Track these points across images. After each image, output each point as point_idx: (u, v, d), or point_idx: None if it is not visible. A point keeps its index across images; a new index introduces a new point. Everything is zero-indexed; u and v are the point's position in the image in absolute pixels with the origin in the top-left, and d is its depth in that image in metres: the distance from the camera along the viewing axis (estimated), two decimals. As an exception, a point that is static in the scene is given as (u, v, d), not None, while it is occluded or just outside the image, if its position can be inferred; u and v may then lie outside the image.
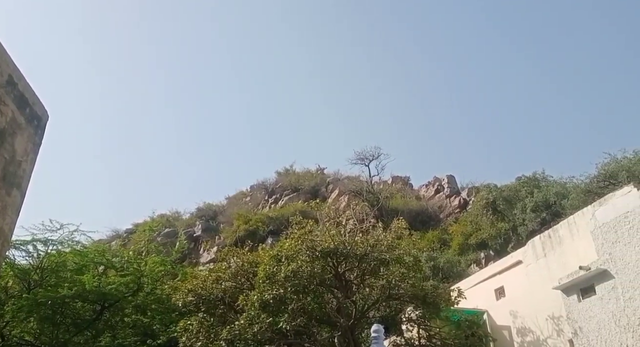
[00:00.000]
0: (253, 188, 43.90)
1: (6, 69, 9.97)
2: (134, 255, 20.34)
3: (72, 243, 17.33)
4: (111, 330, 15.74)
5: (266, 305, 12.34)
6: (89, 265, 16.79)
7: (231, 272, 14.79)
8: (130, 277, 16.63)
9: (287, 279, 12.75)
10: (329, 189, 38.47)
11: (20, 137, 10.81)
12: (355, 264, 13.90)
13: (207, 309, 13.72)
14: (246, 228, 32.94)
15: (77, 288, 14.89)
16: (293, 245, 13.64)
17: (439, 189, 36.17)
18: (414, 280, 14.01)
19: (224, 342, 11.34)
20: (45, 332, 14.94)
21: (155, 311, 16.45)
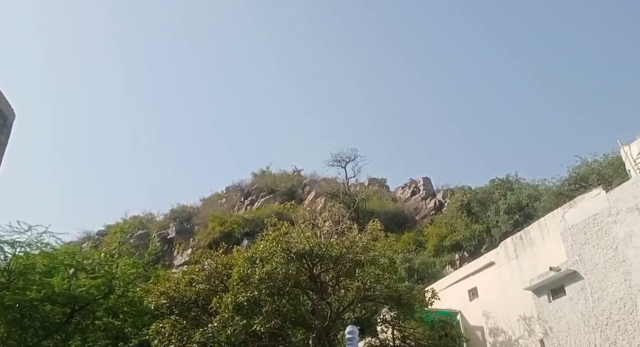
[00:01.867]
0: (229, 189, 43.58)
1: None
2: (105, 257, 19.91)
3: (41, 245, 16.86)
4: (82, 333, 15.42)
5: (240, 307, 12.26)
6: (59, 267, 16.39)
7: (205, 275, 14.65)
8: (101, 280, 16.31)
9: (261, 281, 12.69)
10: (306, 191, 38.51)
11: (-14, 135, 10.49)
12: (331, 265, 13.95)
13: (180, 311, 13.56)
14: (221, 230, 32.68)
15: (46, 291, 14.55)
16: (268, 247, 13.59)
17: (415, 191, 36.59)
18: (389, 281, 14.14)
19: (196, 345, 11.23)
20: (12, 336, 14.54)
21: (127, 314, 16.18)
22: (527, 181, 26.77)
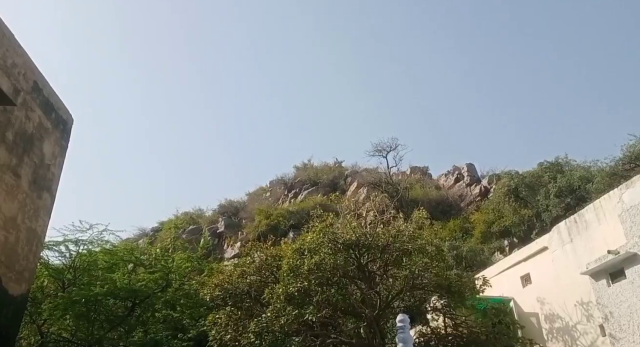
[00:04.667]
0: (272, 183, 44.14)
1: (31, 76, 10.24)
2: (161, 252, 20.73)
3: (102, 242, 17.77)
4: (143, 325, 16.09)
5: (291, 298, 12.46)
6: (119, 263, 17.18)
7: (255, 267, 14.96)
8: (158, 274, 16.97)
9: (310, 271, 12.85)
10: (348, 182, 38.42)
11: (48, 142, 11.10)
12: (378, 255, 13.90)
13: (234, 302, 13.91)
14: (267, 223, 33.18)
15: (109, 286, 15.25)
16: (315, 238, 13.72)
17: (459, 177, 35.76)
18: (437, 269, 13.92)
19: (252, 335, 11.51)
20: (81, 329, 15.35)
21: (184, 306, 16.76)
22: (578, 163, 25.60)
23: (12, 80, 9.28)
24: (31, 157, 10.27)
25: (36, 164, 10.48)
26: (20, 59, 9.60)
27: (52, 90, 10.98)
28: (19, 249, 9.78)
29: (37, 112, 10.45)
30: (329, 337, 12.89)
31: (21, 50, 9.64)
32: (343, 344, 13.37)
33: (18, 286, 9.79)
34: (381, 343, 13.02)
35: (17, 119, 9.66)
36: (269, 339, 11.49)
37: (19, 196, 9.82)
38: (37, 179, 10.53)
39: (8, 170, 9.45)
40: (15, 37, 9.42)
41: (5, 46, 9.13)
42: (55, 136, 11.21)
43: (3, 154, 9.31)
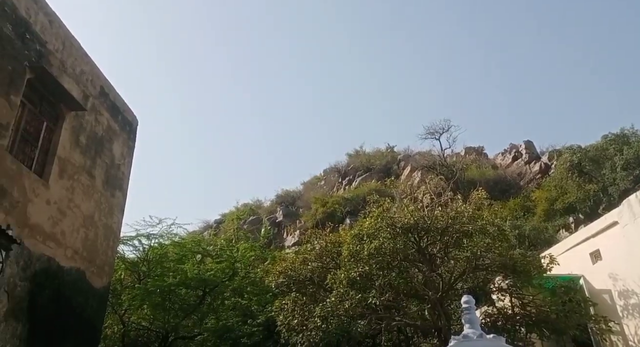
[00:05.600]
0: (326, 172, 44.17)
1: (98, 82, 10.61)
2: (226, 243, 21.34)
3: (171, 236, 18.56)
4: (214, 313, 16.62)
5: (354, 282, 12.39)
6: (188, 254, 17.83)
7: (316, 253, 14.99)
8: (225, 264, 17.47)
9: (370, 256, 12.71)
10: (401, 166, 37.72)
11: (117, 143, 11.53)
12: (437, 237, 13.49)
13: (298, 289, 14.02)
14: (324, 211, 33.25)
15: (180, 276, 15.86)
16: (373, 223, 13.54)
17: (517, 155, 34.06)
18: (500, 250, 13.33)
19: (318, 319, 11.54)
20: (157, 318, 16.08)
21: (251, 293, 17.14)
22: (646, 133, 23.60)
23: (81, 86, 9.69)
24: (103, 158, 10.76)
25: (107, 164, 10.98)
26: (87, 66, 10.01)
27: (117, 94, 11.43)
28: (98, 245, 10.32)
29: (105, 115, 10.91)
30: (393, 319, 12.71)
31: (87, 58, 10.05)
32: (408, 326, 13.13)
33: (100, 279, 10.34)
34: (446, 325, 12.68)
35: (88, 123, 10.11)
36: (335, 322, 11.48)
37: (95, 195, 10.32)
38: (109, 178, 11.04)
39: (83, 171, 9.93)
40: (81, 45, 9.82)
41: (74, 55, 9.53)
42: (122, 137, 11.69)
43: (78, 157, 9.79)
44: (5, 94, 7.58)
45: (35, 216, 8.21)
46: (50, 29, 8.79)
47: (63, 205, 9.03)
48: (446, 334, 12.09)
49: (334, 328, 11.47)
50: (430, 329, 13.52)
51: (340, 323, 11.55)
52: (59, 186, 8.95)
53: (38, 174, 8.51)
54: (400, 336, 15.33)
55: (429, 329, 13.81)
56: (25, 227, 7.90)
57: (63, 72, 9.08)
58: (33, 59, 8.24)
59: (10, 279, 7.53)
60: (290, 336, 12.30)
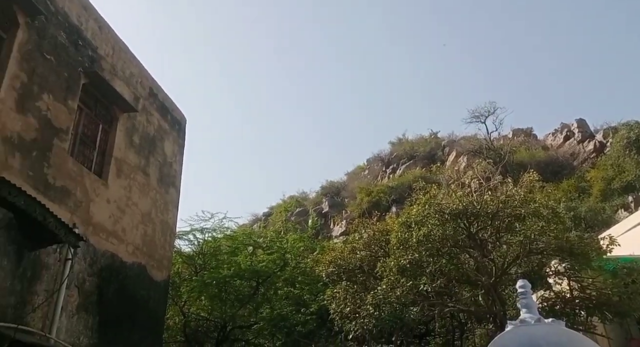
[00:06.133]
0: (369, 161, 43.78)
1: (146, 83, 10.86)
2: (275, 235, 21.60)
3: (223, 229, 18.98)
4: (268, 302, 16.87)
5: (404, 269, 12.19)
6: (240, 247, 18.16)
7: (364, 242, 14.88)
8: (276, 255, 17.67)
9: (419, 243, 12.44)
10: (446, 152, 36.72)
11: (167, 141, 11.78)
12: (488, 222, 12.99)
13: (349, 277, 13.96)
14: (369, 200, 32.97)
15: (234, 268, 16.19)
16: (420, 210, 13.23)
17: (568, 135, 32.24)
18: (555, 232, 12.66)
19: (370, 307, 11.44)
20: (215, 308, 16.52)
21: (302, 283, 17.26)
22: None
23: (131, 88, 9.96)
24: (155, 156, 11.06)
25: (160, 162, 11.28)
26: (135, 68, 10.27)
27: (166, 94, 11.70)
28: (156, 240, 10.64)
29: (156, 115, 11.19)
30: (446, 306, 12.40)
31: (136, 61, 10.31)
32: (461, 312, 12.78)
33: (160, 272, 10.67)
34: (502, 310, 12.25)
35: (140, 123, 10.40)
36: (387, 310, 11.35)
37: (150, 193, 10.64)
38: (162, 176, 11.35)
39: (139, 170, 10.24)
40: (129, 48, 10.08)
41: (123, 59, 9.79)
42: (173, 136, 11.97)
43: (133, 157, 10.10)
44: (63, 99, 7.89)
45: (98, 214, 8.54)
46: (100, 34, 9.07)
47: (122, 203, 9.35)
48: (502, 319, 11.68)
49: (386, 315, 11.34)
50: (485, 314, 13.10)
51: (392, 310, 11.40)
52: (117, 185, 9.27)
53: (97, 175, 8.84)
54: (454, 322, 14.98)
55: (483, 315, 13.40)
56: (89, 225, 8.24)
57: (114, 76, 9.36)
58: (86, 65, 8.52)
59: (80, 274, 7.89)
60: (344, 323, 12.28)
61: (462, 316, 14.42)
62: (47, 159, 7.39)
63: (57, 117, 7.70)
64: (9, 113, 6.75)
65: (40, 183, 7.18)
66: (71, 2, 8.32)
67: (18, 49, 7.01)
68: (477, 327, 15.38)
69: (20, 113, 6.96)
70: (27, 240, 6.45)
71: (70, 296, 7.60)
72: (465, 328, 15.43)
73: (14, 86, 6.89)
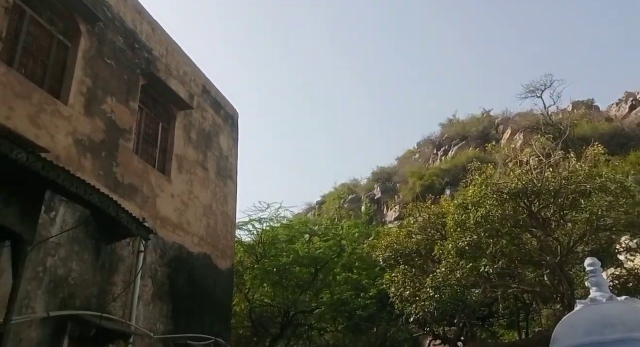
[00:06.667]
0: (420, 144, 42.78)
1: (200, 80, 11.10)
2: (330, 222, 21.72)
3: (280, 219, 19.32)
4: (328, 288, 17.05)
5: (463, 252, 11.87)
6: (297, 235, 18.43)
7: (420, 226, 14.63)
8: (332, 242, 17.78)
9: (478, 225, 12.05)
10: (500, 131, 35.11)
11: (222, 136, 12.04)
12: (551, 200, 12.31)
13: (406, 261, 13.80)
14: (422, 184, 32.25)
15: (293, 256, 16.46)
16: (477, 191, 12.80)
17: (635, 104, 29.73)
18: (625, 207, 11.79)
19: (430, 290, 11.24)
20: (278, 295, 16.92)
21: (359, 268, 17.28)
22: None
23: (186, 87, 10.24)
24: (212, 151, 11.36)
25: (217, 157, 11.59)
26: (189, 67, 10.55)
27: (218, 90, 11.95)
28: (218, 231, 10.97)
29: (210, 111, 11.47)
30: (509, 287, 11.93)
31: (188, 59, 10.58)
32: (525, 293, 12.25)
33: (224, 261, 11.02)
34: (569, 289, 11.62)
35: (196, 120, 10.69)
36: (448, 292, 11.09)
37: (210, 186, 10.96)
38: (220, 170, 11.65)
39: (198, 165, 10.56)
40: (181, 48, 10.35)
41: (177, 59, 10.07)
42: (227, 130, 12.24)
43: (192, 153, 10.42)
44: (125, 101, 8.24)
45: (164, 209, 8.91)
46: (154, 36, 9.37)
47: (185, 197, 9.70)
48: (570, 299, 11.12)
49: (447, 298, 11.09)
50: (552, 295, 12.51)
51: (453, 293, 11.14)
52: (179, 180, 9.62)
53: (161, 171, 9.21)
54: (518, 304, 14.41)
55: (549, 295, 12.80)
56: (157, 219, 8.61)
57: (169, 76, 9.65)
58: (143, 67, 8.84)
59: (152, 265, 8.29)
60: (404, 306, 12.15)
61: (526, 297, 13.86)
62: (115, 158, 7.77)
63: (121, 118, 8.06)
64: (78, 117, 7.14)
65: (111, 181, 7.57)
66: (126, 7, 8.64)
67: (82, 56, 7.38)
68: (543, 308, 14.72)
69: (88, 117, 7.34)
70: (104, 235, 6.82)
71: (145, 286, 8.00)
72: (531, 309, 14.81)
73: (81, 91, 7.26)
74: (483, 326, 16.05)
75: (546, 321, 15.50)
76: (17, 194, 5.08)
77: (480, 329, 15.96)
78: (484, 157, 23.61)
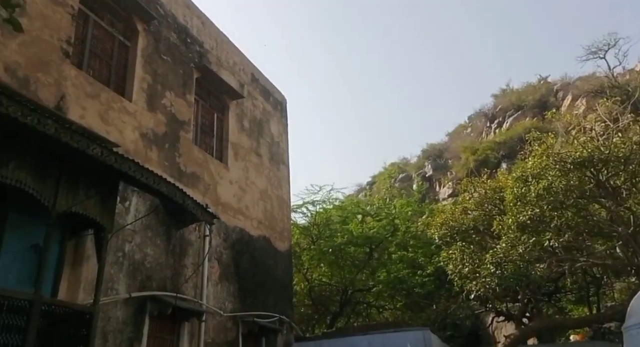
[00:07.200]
0: (471, 118, 41.37)
1: (248, 69, 11.43)
2: (382, 202, 21.80)
3: (332, 200, 19.65)
4: (384, 266, 17.28)
5: (524, 226, 11.58)
6: (349, 216, 18.71)
7: (476, 202, 14.35)
8: (385, 221, 17.91)
9: (539, 197, 11.70)
10: (559, 97, 33.23)
11: (272, 122, 12.38)
12: (620, 167, 11.69)
13: (463, 238, 13.66)
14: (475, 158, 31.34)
15: (347, 236, 16.78)
16: (537, 162, 12.38)
17: None
18: None
19: (491, 266, 11.10)
20: (335, 274, 17.37)
21: (414, 247, 17.33)
22: None
23: (236, 77, 10.59)
24: (264, 138, 11.73)
25: (269, 143, 11.95)
26: (237, 57, 10.88)
27: (266, 78, 12.25)
28: (275, 214, 11.41)
29: (259, 99, 11.81)
30: (577, 261, 11.54)
31: (236, 49, 10.92)
32: (595, 266, 11.81)
33: (282, 243, 11.47)
34: (645, 260, 11.09)
35: (247, 108, 11.06)
36: (510, 268, 10.91)
37: (264, 172, 11.36)
38: (272, 155, 12.03)
39: (252, 152, 10.97)
40: (229, 39, 10.68)
41: (226, 50, 10.42)
42: (276, 116, 12.56)
43: (245, 140, 10.83)
44: (182, 94, 8.70)
45: (224, 195, 9.39)
46: (203, 29, 9.74)
47: (242, 183, 10.15)
48: (646, 271, 10.62)
49: (510, 273, 10.93)
50: (625, 267, 11.98)
51: (516, 268, 10.95)
52: (235, 167, 10.06)
53: (219, 159, 9.68)
54: (587, 278, 13.91)
55: (622, 268, 12.26)
56: (218, 205, 9.10)
57: (220, 67, 10.03)
58: (196, 60, 9.26)
59: (217, 248, 8.82)
60: (464, 283, 12.11)
61: (596, 270, 13.36)
62: (177, 149, 8.27)
63: (180, 111, 8.53)
64: (142, 113, 7.64)
65: (175, 171, 8.08)
66: (176, 3, 9.03)
67: (141, 54, 7.85)
68: (615, 281, 14.12)
69: (151, 111, 7.84)
70: (172, 221, 7.34)
71: (212, 268, 8.55)
72: (602, 283, 14.25)
73: (142, 88, 7.76)
74: (549, 302, 15.66)
75: (619, 294, 14.88)
76: (95, 187, 5.60)
77: (546, 304, 15.58)
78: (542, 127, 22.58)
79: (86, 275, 6.05)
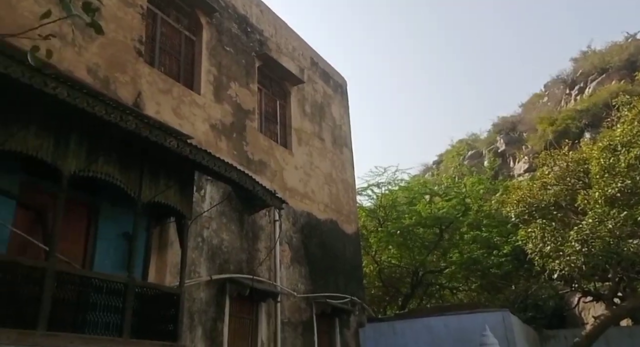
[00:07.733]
0: (547, 86, 38.69)
1: (307, 54, 11.59)
2: (451, 181, 21.27)
3: (397, 181, 19.50)
4: (456, 247, 16.94)
5: (613, 200, 10.87)
6: (417, 197, 18.46)
7: (556, 176, 13.57)
8: (455, 200, 17.48)
9: (630, 167, 10.91)
10: (651, 55, 30.17)
11: (334, 105, 12.50)
12: None
13: (543, 215, 13.01)
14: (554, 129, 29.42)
15: (415, 217, 16.61)
16: (627, 129, 11.52)
17: None
18: None
19: (576, 243, 10.54)
20: (404, 255, 17.33)
21: (488, 226, 16.79)
22: None
23: (296, 62, 10.79)
24: (326, 122, 11.89)
25: (331, 126, 12.09)
26: (296, 42, 11.06)
27: (325, 61, 12.34)
28: (340, 198, 11.59)
29: (319, 83, 11.95)
30: (683, 236, 10.65)
31: (294, 34, 11.10)
32: None
33: (349, 226, 11.66)
34: None
35: (308, 93, 11.25)
36: (598, 245, 10.28)
37: (328, 155, 11.55)
38: (335, 139, 12.16)
39: (314, 136, 11.18)
40: (288, 24, 10.87)
41: (285, 36, 10.63)
42: (337, 99, 12.64)
43: (308, 125, 11.05)
44: (246, 84, 9.04)
45: (290, 180, 9.71)
46: (262, 17, 9.99)
47: (307, 168, 10.41)
48: None
49: (598, 251, 10.31)
50: None
51: (605, 245, 10.30)
52: (300, 152, 10.33)
53: (283, 146, 10.00)
54: (688, 254, 12.74)
55: None
56: (285, 190, 9.44)
57: (280, 53, 10.26)
58: (257, 49, 9.55)
59: (287, 232, 9.20)
60: (546, 262, 11.60)
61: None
62: (244, 138, 8.65)
63: (244, 100, 8.89)
64: (210, 104, 8.07)
65: (244, 159, 8.49)
66: (235, -7, 9.34)
67: (206, 47, 8.25)
68: None
69: (218, 103, 8.25)
70: (244, 207, 7.75)
71: (283, 251, 8.95)
72: None
73: (209, 80, 8.18)
74: (645, 280, 14.57)
75: None
76: (173, 177, 6.06)
77: (640, 283, 14.52)
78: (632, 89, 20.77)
79: (171, 259, 6.61)
